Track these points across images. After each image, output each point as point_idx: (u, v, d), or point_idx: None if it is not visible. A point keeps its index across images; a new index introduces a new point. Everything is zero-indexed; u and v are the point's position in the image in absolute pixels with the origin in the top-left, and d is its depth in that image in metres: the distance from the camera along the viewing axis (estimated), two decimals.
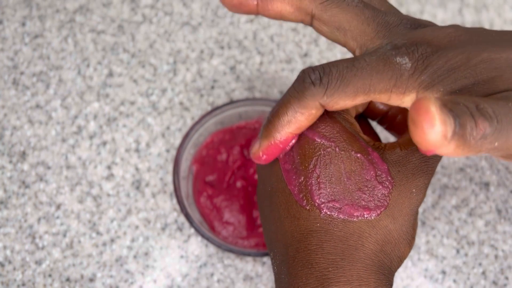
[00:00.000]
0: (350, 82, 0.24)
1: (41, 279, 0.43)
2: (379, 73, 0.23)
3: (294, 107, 0.25)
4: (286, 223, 0.27)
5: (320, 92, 0.24)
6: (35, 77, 0.48)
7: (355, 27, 0.25)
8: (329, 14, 0.26)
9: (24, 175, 0.45)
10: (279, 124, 0.25)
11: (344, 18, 0.26)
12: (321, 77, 0.24)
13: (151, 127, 0.47)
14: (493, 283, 0.44)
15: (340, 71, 0.24)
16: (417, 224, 0.28)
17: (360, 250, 0.26)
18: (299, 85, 0.24)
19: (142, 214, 0.44)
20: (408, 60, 0.23)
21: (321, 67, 0.24)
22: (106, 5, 0.51)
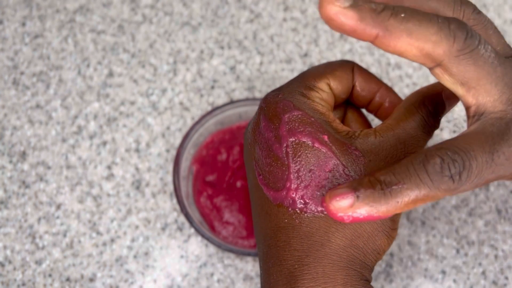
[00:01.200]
0: (486, 179, 0.22)
1: (41, 279, 0.43)
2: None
3: (421, 196, 0.22)
4: (261, 219, 0.27)
5: (455, 188, 0.22)
6: (35, 77, 0.48)
7: (482, 86, 0.23)
8: (460, 69, 0.22)
9: (24, 175, 0.45)
10: (395, 202, 0.22)
11: (475, 75, 0.23)
12: (460, 174, 0.22)
13: (151, 127, 0.47)
14: (493, 283, 0.44)
15: (480, 167, 0.22)
16: (400, 216, 0.27)
17: (326, 246, 0.25)
18: (436, 175, 0.22)
19: (142, 214, 0.44)
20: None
21: (460, 159, 0.22)
22: (106, 5, 0.51)
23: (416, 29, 0.21)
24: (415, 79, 0.49)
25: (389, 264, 0.44)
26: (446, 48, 0.21)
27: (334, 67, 0.29)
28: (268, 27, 0.50)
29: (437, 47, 0.21)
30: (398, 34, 0.21)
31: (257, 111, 0.29)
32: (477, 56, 0.22)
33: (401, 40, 0.22)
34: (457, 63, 0.22)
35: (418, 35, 0.21)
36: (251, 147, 0.28)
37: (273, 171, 0.26)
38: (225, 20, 0.51)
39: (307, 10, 0.51)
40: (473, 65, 0.22)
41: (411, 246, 0.44)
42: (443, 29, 0.21)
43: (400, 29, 0.21)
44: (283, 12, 0.51)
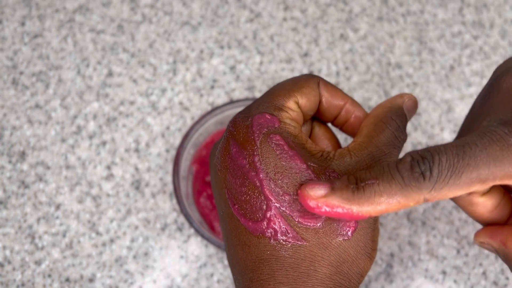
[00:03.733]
0: (462, 174, 0.21)
1: (40, 279, 0.43)
2: (497, 160, 0.21)
3: (393, 193, 0.22)
4: (238, 250, 0.26)
5: (428, 187, 0.21)
6: (35, 77, 0.48)
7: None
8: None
9: (23, 175, 0.45)
10: (366, 199, 0.22)
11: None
12: (431, 169, 0.21)
13: (151, 127, 0.47)
14: (493, 283, 0.44)
15: (451, 160, 0.21)
16: (378, 233, 0.26)
17: (312, 276, 0.24)
18: (406, 171, 0.22)
19: (141, 214, 0.44)
20: None
21: (429, 155, 0.22)
22: (105, 4, 0.51)
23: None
24: (416, 78, 0.49)
25: (389, 264, 0.44)
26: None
27: (301, 84, 0.28)
28: (268, 27, 0.50)
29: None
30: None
31: (224, 135, 0.27)
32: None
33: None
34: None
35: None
36: (221, 174, 0.26)
37: (250, 201, 0.25)
38: (225, 20, 0.50)
39: (307, 10, 0.51)
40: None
41: (412, 246, 0.44)
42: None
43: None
44: (283, 12, 0.51)
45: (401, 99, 0.28)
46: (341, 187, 0.22)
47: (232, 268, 0.27)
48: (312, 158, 0.25)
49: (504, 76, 0.24)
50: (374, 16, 0.51)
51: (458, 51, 0.51)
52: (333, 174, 0.25)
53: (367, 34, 0.50)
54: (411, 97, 0.28)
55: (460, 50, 0.51)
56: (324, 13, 0.51)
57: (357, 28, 0.51)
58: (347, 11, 0.51)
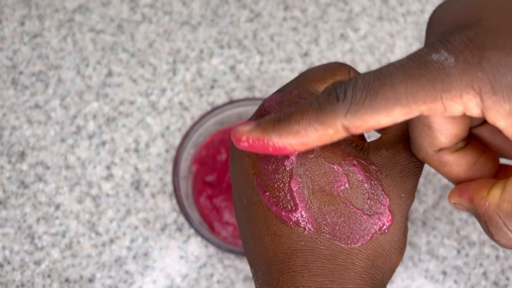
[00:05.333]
0: (378, 94, 0.19)
1: (40, 280, 0.43)
2: (414, 77, 0.19)
3: (310, 119, 0.21)
4: (266, 240, 0.24)
5: (343, 109, 0.20)
6: (34, 76, 0.48)
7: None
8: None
9: (23, 175, 0.45)
10: (284, 128, 0.21)
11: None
12: (345, 91, 0.20)
13: (151, 127, 0.47)
14: (494, 283, 0.43)
15: (366, 81, 0.20)
16: (408, 229, 0.26)
17: (350, 269, 0.24)
18: (322, 96, 0.21)
19: (141, 215, 0.44)
20: (448, 53, 0.19)
21: (348, 80, 0.20)
22: (105, 4, 0.50)
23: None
24: None
25: None
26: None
27: (334, 71, 0.27)
28: (268, 27, 0.50)
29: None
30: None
31: (255, 118, 0.26)
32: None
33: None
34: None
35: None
36: (249, 159, 0.25)
37: (284, 188, 0.24)
38: (225, 20, 0.50)
39: (307, 10, 0.51)
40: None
41: (412, 246, 0.44)
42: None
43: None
44: (283, 12, 0.51)
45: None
46: (265, 121, 0.22)
47: (254, 259, 0.26)
48: (350, 148, 0.25)
49: (432, 12, 0.23)
50: (374, 16, 0.51)
51: None
52: (373, 167, 0.24)
53: (367, 34, 0.50)
54: None
55: None
56: (324, 13, 0.51)
57: (357, 28, 0.51)
58: (347, 11, 0.51)
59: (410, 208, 0.25)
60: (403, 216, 0.25)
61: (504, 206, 0.20)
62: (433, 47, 0.19)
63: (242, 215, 0.26)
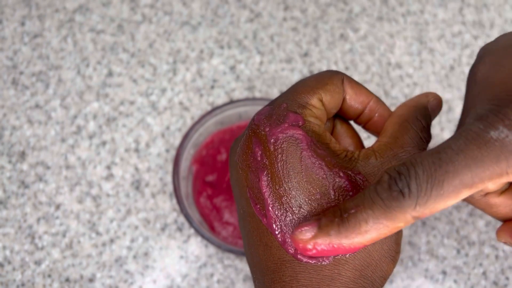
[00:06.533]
0: (444, 183, 0.19)
1: (40, 280, 0.43)
2: (477, 160, 0.19)
3: (379, 218, 0.21)
4: (259, 251, 0.25)
5: (411, 204, 0.20)
6: (35, 77, 0.48)
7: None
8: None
9: (23, 175, 0.45)
10: (353, 230, 0.21)
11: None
12: (409, 184, 0.20)
13: (151, 127, 0.47)
14: (493, 283, 0.44)
15: (427, 170, 0.20)
16: (401, 235, 0.26)
17: (336, 279, 0.24)
18: (385, 192, 0.20)
19: (141, 214, 0.44)
20: (507, 130, 0.19)
21: (405, 169, 0.20)
22: (105, 4, 0.51)
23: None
24: (416, 78, 0.49)
25: None
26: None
27: (325, 81, 0.27)
28: (268, 27, 0.50)
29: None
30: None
31: (246, 132, 0.27)
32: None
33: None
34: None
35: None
36: (243, 172, 0.26)
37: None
38: (225, 20, 0.50)
39: (307, 10, 0.51)
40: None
41: (412, 246, 0.44)
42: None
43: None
44: (283, 12, 0.51)
45: (425, 98, 0.27)
46: (326, 223, 0.22)
47: (252, 267, 0.27)
48: (337, 159, 0.25)
49: (478, 65, 0.23)
50: (374, 16, 0.51)
51: (458, 51, 0.51)
52: (359, 176, 0.24)
53: (367, 34, 0.50)
54: (436, 97, 0.27)
55: (460, 50, 0.51)
56: (324, 13, 0.51)
57: (357, 28, 0.51)
58: (347, 11, 0.51)
59: None
60: None
61: None
62: (489, 122, 0.20)
63: (241, 225, 0.27)
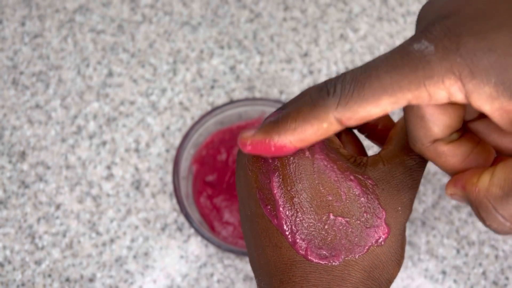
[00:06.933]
0: (365, 85, 0.20)
1: (40, 279, 0.43)
2: (397, 67, 0.20)
3: (304, 115, 0.22)
4: (268, 252, 0.26)
5: (333, 102, 0.21)
6: (35, 77, 0.48)
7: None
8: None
9: (23, 175, 0.45)
10: (283, 127, 0.23)
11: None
12: (335, 85, 0.21)
13: (151, 127, 0.47)
14: (493, 283, 0.44)
15: (354, 74, 0.21)
16: (406, 241, 0.27)
17: (347, 280, 0.24)
18: (315, 93, 0.22)
19: (141, 214, 0.44)
20: (428, 42, 0.20)
21: (338, 76, 0.22)
22: (105, 4, 0.51)
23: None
24: None
25: None
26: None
27: None
28: (268, 27, 0.50)
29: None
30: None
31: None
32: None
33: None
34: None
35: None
36: (253, 174, 0.26)
37: None
38: (225, 20, 0.50)
39: (307, 10, 0.51)
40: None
41: (412, 246, 0.44)
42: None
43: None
44: (283, 12, 0.51)
45: None
46: (265, 123, 0.24)
47: (257, 270, 0.27)
48: (348, 163, 0.25)
49: (419, 11, 0.24)
50: (374, 16, 0.51)
51: None
52: (369, 181, 0.25)
53: (367, 34, 0.51)
54: None
55: None
56: (324, 13, 0.51)
57: (357, 28, 0.51)
58: (347, 11, 0.51)
59: (407, 221, 0.26)
60: (400, 229, 0.25)
61: (493, 190, 0.21)
62: (414, 38, 0.20)
63: (247, 227, 0.27)
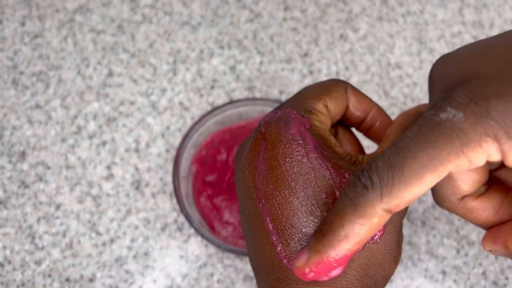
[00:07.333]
0: (403, 168, 0.20)
1: (40, 279, 0.43)
2: (431, 142, 0.19)
3: (351, 218, 0.21)
4: (265, 250, 0.26)
5: (377, 196, 0.20)
6: (35, 77, 0.48)
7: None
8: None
9: (23, 175, 0.45)
10: (334, 239, 0.21)
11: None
12: (371, 177, 0.20)
13: (151, 127, 0.47)
14: (493, 283, 0.44)
15: (387, 160, 0.20)
16: (402, 238, 0.27)
17: (342, 277, 0.24)
18: (351, 191, 0.21)
19: (141, 214, 0.44)
20: (455, 110, 0.19)
21: (367, 166, 0.21)
22: (105, 4, 0.51)
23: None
24: (415, 79, 0.49)
25: None
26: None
27: (330, 88, 0.28)
28: (268, 27, 0.50)
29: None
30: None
31: (253, 135, 0.27)
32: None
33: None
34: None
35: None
36: (250, 173, 0.27)
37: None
38: (225, 20, 0.50)
39: (307, 10, 0.51)
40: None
41: (412, 246, 0.44)
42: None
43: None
44: (283, 12, 0.51)
45: (425, 107, 0.28)
46: (311, 243, 0.22)
47: (256, 267, 0.27)
48: (342, 161, 0.25)
49: (433, 67, 0.24)
50: (374, 16, 0.51)
51: None
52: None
53: (367, 34, 0.51)
54: None
55: None
56: (324, 13, 0.51)
57: (357, 28, 0.51)
58: (347, 11, 0.51)
59: (403, 217, 0.26)
60: (396, 226, 0.26)
61: None
62: (439, 107, 0.20)
63: (246, 226, 0.28)
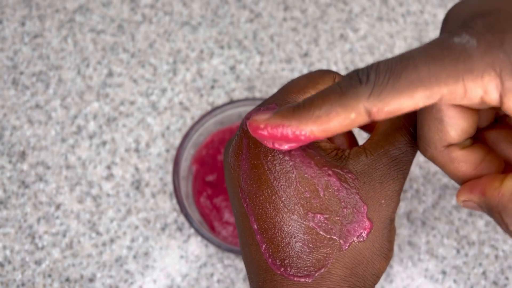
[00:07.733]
0: (401, 74, 0.19)
1: (40, 279, 0.43)
2: (437, 59, 0.19)
3: (332, 103, 0.20)
4: (252, 250, 0.25)
5: (366, 91, 0.19)
6: (35, 77, 0.48)
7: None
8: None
9: (23, 175, 0.45)
10: (305, 114, 0.20)
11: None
12: (368, 73, 0.20)
13: (151, 127, 0.47)
14: (493, 283, 0.44)
15: (389, 64, 0.19)
16: (395, 233, 0.26)
17: (327, 278, 0.24)
18: (344, 81, 0.20)
19: (142, 214, 0.44)
20: (469, 36, 0.19)
21: (370, 65, 0.20)
22: (105, 4, 0.51)
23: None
24: None
25: (389, 264, 0.44)
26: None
27: (316, 80, 0.26)
28: (268, 27, 0.50)
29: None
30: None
31: (238, 133, 0.26)
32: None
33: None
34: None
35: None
36: (235, 173, 0.26)
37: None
38: (225, 20, 0.51)
39: (307, 10, 0.51)
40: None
41: (412, 246, 0.44)
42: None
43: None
44: (283, 12, 0.51)
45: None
46: (283, 108, 0.22)
47: (246, 267, 0.27)
48: (327, 157, 0.25)
49: (447, 12, 0.23)
50: (374, 16, 0.51)
51: None
52: (349, 175, 0.24)
53: (367, 34, 0.51)
54: None
55: None
56: (324, 13, 0.51)
57: (357, 28, 0.51)
58: (347, 11, 0.51)
59: (394, 213, 0.25)
60: (384, 222, 0.25)
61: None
62: (455, 32, 0.19)
63: (237, 226, 0.27)
